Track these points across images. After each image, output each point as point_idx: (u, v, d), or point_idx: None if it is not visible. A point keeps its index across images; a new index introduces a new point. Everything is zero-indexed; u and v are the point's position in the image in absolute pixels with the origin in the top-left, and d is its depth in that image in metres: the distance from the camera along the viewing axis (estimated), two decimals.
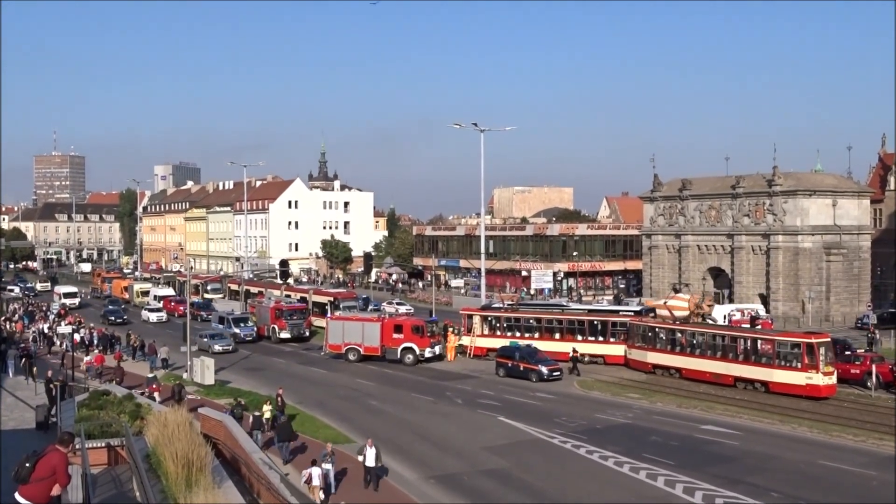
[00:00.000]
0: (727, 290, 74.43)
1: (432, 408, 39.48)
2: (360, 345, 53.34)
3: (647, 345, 48.47)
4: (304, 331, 63.50)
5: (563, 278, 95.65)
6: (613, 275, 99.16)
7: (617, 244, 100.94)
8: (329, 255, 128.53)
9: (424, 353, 52.17)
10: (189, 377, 46.13)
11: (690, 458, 29.44)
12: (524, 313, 55.62)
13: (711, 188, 76.31)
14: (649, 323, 49.40)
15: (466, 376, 48.35)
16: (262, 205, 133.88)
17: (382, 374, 49.22)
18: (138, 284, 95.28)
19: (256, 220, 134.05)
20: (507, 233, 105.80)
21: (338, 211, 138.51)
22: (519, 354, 47.61)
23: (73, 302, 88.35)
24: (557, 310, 56.40)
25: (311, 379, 47.77)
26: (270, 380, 46.48)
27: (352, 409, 39.46)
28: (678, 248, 78.21)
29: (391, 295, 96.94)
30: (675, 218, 78.75)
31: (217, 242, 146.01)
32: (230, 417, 29.13)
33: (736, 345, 44.05)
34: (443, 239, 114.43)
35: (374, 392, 43.48)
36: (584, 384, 45.22)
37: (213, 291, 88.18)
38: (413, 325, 53.36)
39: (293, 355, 57.43)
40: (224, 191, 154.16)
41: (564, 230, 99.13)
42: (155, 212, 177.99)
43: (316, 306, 69.75)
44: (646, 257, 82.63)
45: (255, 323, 64.52)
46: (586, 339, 51.75)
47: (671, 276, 78.27)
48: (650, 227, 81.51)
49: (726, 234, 73.95)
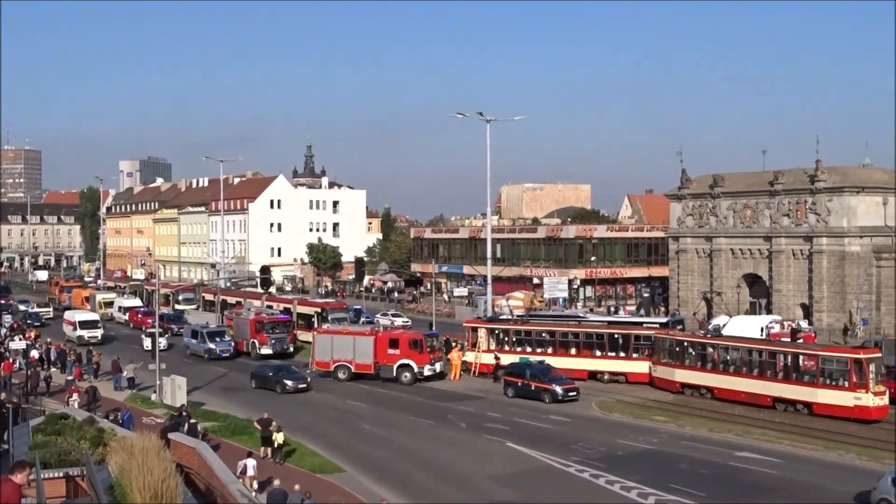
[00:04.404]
0: (764, 300, 74.36)
1: (432, 432, 39.45)
2: (350, 361, 53.34)
3: (675, 361, 48.45)
4: (287, 346, 63.49)
5: (580, 286, 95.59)
6: (636, 282, 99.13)
7: (640, 248, 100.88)
8: (316, 261, 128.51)
9: (423, 371, 52.13)
10: (158, 398, 46.13)
11: (723, 489, 29.37)
12: (536, 326, 55.64)
13: (746, 185, 76.30)
14: (677, 336, 49.38)
15: (471, 397, 48.33)
16: (241, 205, 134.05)
17: (376, 394, 49.18)
18: (101, 294, 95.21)
19: (234, 222, 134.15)
20: (516, 235, 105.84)
21: (326, 211, 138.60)
22: (530, 372, 47.58)
23: (94, 335, 70.53)
24: (573, 322, 56.39)
25: (295, 400, 47.71)
26: (249, 402, 46.43)
27: (341, 434, 39.41)
28: (709, 253, 78.16)
29: (386, 305, 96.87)
30: (706, 218, 78.73)
31: (190, 247, 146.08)
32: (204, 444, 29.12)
33: (775, 361, 44.00)
34: (444, 242, 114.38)
35: (367, 414, 43.44)
36: (604, 406, 45.20)
37: (185, 302, 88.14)
38: (411, 339, 53.35)
39: None
40: (198, 189, 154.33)
41: (581, 232, 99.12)
42: (120, 212, 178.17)
43: (301, 318, 69.69)
44: (672, 263, 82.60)
45: (232, 337, 64.51)
46: (606, 354, 51.74)
47: (701, 283, 78.23)
48: (678, 229, 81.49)
49: (763, 237, 73.90)
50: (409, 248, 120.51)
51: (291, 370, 51.71)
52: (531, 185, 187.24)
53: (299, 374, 51.16)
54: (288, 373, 51.04)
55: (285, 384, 49.64)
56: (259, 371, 52.28)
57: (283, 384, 49.66)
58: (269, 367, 52.99)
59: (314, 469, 32.93)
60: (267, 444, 34.33)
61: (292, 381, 49.93)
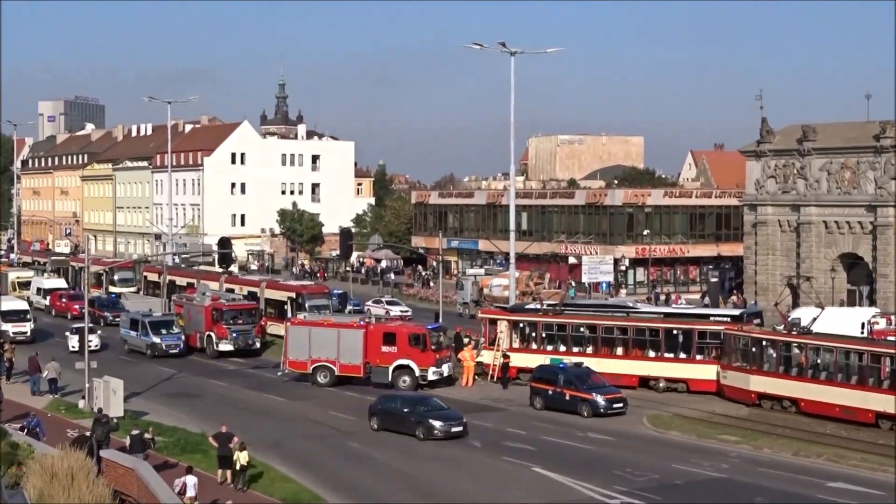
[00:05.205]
0: (866, 288, 74.13)
1: (438, 452, 39.50)
2: (334, 362, 53.33)
3: (750, 365, 48.33)
4: (253, 341, 63.59)
5: (629, 268, 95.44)
6: (701, 263, 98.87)
7: (707, 219, 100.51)
8: (290, 233, 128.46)
9: (427, 375, 52.12)
10: (87, 405, 46.23)
11: None
12: (572, 318, 55.64)
13: (845, 139, 75.91)
14: (753, 333, 49.28)
15: (487, 408, 48.36)
16: (194, 159, 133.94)
17: (367, 403, 49.04)
18: (15, 272, 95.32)
19: (186, 181, 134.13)
20: (547, 202, 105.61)
21: (303, 168, 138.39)
22: (564, 378, 47.58)
23: (22, 330, 67.26)
24: (620, 313, 56.34)
25: (263, 410, 47.77)
26: (204, 411, 46.51)
27: (322, 453, 39.50)
28: (796, 226, 77.83)
29: (380, 290, 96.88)
30: (793, 182, 78.37)
31: (128, 213, 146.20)
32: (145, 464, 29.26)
33: (879, 366, 43.91)
34: (454, 210, 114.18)
35: (356, 430, 43.44)
36: (659, 421, 45.19)
37: (122, 283, 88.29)
38: (411, 333, 53.33)
39: (238, 376, 57.59)
40: (139, 138, 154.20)
41: (631, 198, 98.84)
42: (39, 168, 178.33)
43: (271, 305, 69.76)
44: (749, 238, 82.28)
45: (182, 329, 64.63)
46: (661, 355, 51.71)
47: (785, 265, 77.99)
48: (755, 195, 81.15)
49: (866, 206, 73.60)
50: (410, 218, 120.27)
51: (437, 405, 43.93)
52: (567, 137, 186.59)
53: (452, 412, 43.43)
54: (433, 409, 43.20)
55: (432, 427, 41.78)
56: (385, 406, 44.42)
57: (428, 427, 41.81)
58: (400, 399, 45.38)
59: (286, 497, 33.02)
60: (226, 464, 34.44)
61: (442, 423, 42.02)
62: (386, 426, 43.09)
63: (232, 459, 34.16)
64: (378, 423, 43.62)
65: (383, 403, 44.64)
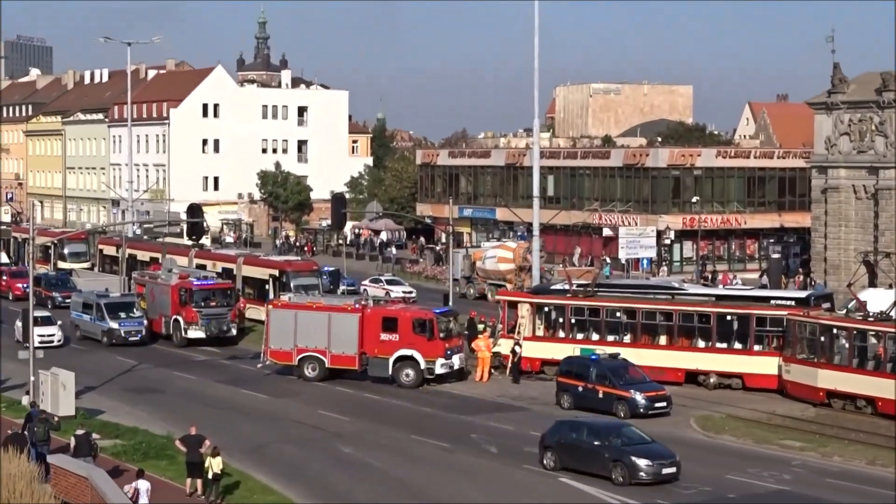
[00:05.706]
0: None
1: (446, 459, 39.63)
2: (323, 351, 53.41)
3: (818, 357, 48.25)
4: (228, 326, 63.72)
5: (675, 242, 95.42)
6: (761, 236, 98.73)
7: (768, 184, 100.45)
8: (272, 199, 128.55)
9: (435, 368, 52.22)
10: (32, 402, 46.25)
11: None
12: (607, 301, 55.63)
13: None
14: (822, 320, 49.12)
15: (506, 407, 48.42)
16: (159, 110, 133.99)
17: (362, 401, 49.39)
18: None
19: (149, 138, 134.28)
20: (578, 163, 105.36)
21: (288, 122, 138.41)
22: (597, 372, 47.56)
23: None
24: (664, 296, 56.26)
25: (240, 408, 47.90)
26: (171, 409, 46.64)
27: (310, 459, 39.61)
28: (873, 192, 77.60)
29: (378, 267, 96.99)
30: (870, 140, 78.08)
31: (81, 175, 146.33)
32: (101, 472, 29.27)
33: None
34: (468, 172, 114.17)
35: (349, 432, 43.56)
36: (709, 423, 45.24)
37: (73, 258, 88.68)
38: (415, 318, 53.33)
39: (210, 368, 57.76)
40: (93, 86, 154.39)
41: (678, 159, 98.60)
42: None
43: (249, 285, 69.97)
44: (818, 207, 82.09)
45: (145, 312, 64.76)
46: (713, 346, 51.68)
47: (861, 238, 77.73)
48: (826, 156, 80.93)
49: None
50: (415, 181, 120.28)
51: (638, 437, 39.20)
52: (601, 86, 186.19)
53: (660, 447, 38.62)
54: (634, 443, 38.56)
55: (635, 468, 37.03)
56: (566, 438, 39.47)
57: (630, 467, 37.05)
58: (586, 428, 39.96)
59: None
60: (196, 472, 34.38)
61: (649, 461, 37.36)
62: (568, 464, 38.59)
63: (203, 467, 34.09)
64: (555, 461, 39.00)
65: (562, 432, 39.75)
